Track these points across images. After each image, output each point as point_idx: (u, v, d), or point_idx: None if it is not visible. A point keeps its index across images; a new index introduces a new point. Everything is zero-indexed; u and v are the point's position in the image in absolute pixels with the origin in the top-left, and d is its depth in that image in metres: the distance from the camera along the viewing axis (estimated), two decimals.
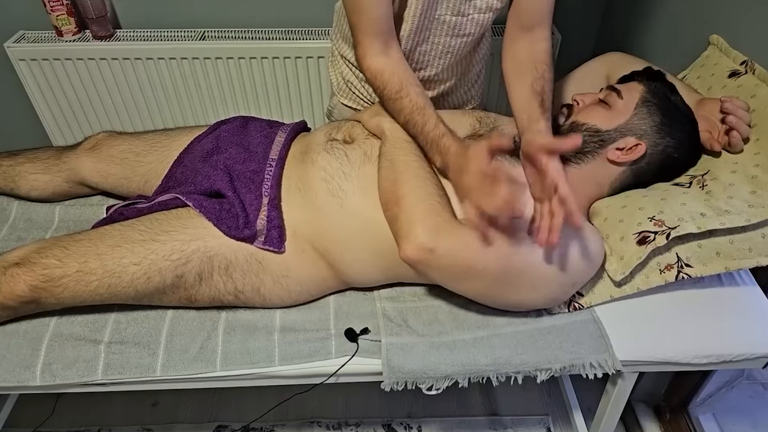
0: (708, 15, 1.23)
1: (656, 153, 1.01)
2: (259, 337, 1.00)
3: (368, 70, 1.02)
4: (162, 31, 1.66)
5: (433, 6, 1.04)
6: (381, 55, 1.01)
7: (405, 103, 1.00)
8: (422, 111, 1.00)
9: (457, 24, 1.07)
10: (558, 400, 1.49)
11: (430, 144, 0.99)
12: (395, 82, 1.01)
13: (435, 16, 1.05)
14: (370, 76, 1.03)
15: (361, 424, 1.48)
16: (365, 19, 0.98)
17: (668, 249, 0.97)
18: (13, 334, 1.00)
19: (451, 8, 1.05)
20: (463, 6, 1.05)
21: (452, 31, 1.08)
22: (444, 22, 1.07)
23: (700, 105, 1.05)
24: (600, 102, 1.05)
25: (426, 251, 0.88)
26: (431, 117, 0.99)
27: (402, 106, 1.01)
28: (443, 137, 0.97)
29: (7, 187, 1.24)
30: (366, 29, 0.99)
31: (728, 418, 1.42)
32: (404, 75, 1.02)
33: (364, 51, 1.02)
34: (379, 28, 0.99)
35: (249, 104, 1.73)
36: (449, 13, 1.05)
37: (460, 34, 1.09)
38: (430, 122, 0.99)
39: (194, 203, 1.02)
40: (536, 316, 1.02)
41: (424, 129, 0.99)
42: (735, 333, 0.99)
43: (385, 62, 1.01)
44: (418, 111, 1.00)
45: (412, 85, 1.02)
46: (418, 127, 1.00)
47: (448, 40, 1.10)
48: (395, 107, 1.02)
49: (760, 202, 0.93)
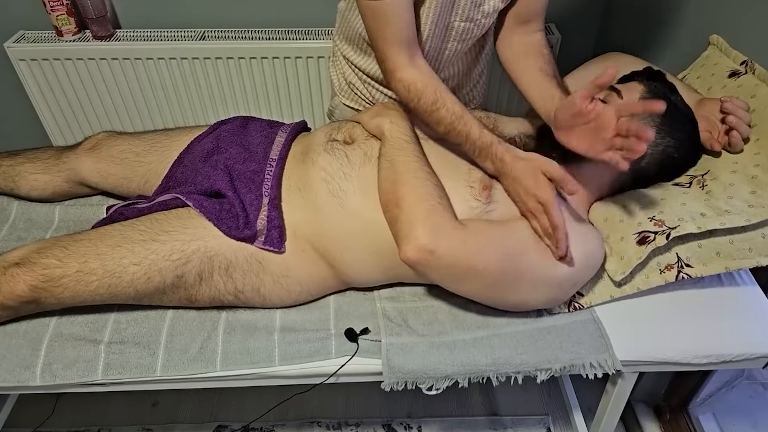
0: (708, 15, 1.23)
1: (656, 153, 1.01)
2: (259, 337, 1.00)
3: (400, 83, 1.00)
4: (162, 31, 1.66)
5: (445, 15, 1.03)
6: (411, 67, 0.99)
7: (443, 114, 0.98)
8: (462, 119, 0.98)
9: (465, 29, 1.07)
10: (558, 400, 1.49)
11: (479, 152, 0.98)
12: (429, 93, 0.98)
13: (447, 23, 1.05)
14: (402, 88, 1.00)
15: (361, 424, 1.48)
16: (391, 29, 0.95)
17: (668, 249, 0.97)
18: (13, 334, 1.00)
19: (460, 15, 1.05)
20: (473, 12, 1.05)
21: (460, 36, 1.08)
22: (454, 29, 1.07)
23: (700, 105, 1.05)
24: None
25: (426, 252, 0.88)
26: (473, 125, 0.98)
27: (440, 116, 0.98)
28: (492, 146, 0.97)
29: (7, 187, 1.24)
30: (392, 39, 0.96)
31: (728, 418, 1.42)
32: (437, 85, 1.00)
33: (393, 65, 0.99)
34: (404, 37, 0.97)
35: (249, 104, 1.73)
36: (458, 19, 1.05)
37: (466, 38, 1.10)
38: (474, 131, 0.97)
39: (194, 203, 1.02)
40: (536, 316, 1.02)
41: (469, 138, 0.98)
42: (735, 333, 0.99)
43: (416, 74, 0.99)
44: (458, 120, 0.98)
45: (446, 93, 0.99)
46: (462, 136, 0.98)
47: (456, 45, 1.10)
48: (433, 119, 1.00)
49: (760, 202, 0.93)
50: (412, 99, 1.00)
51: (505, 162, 0.96)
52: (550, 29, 1.68)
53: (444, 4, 1.01)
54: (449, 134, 1.00)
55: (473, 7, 1.04)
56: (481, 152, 0.98)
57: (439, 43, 1.08)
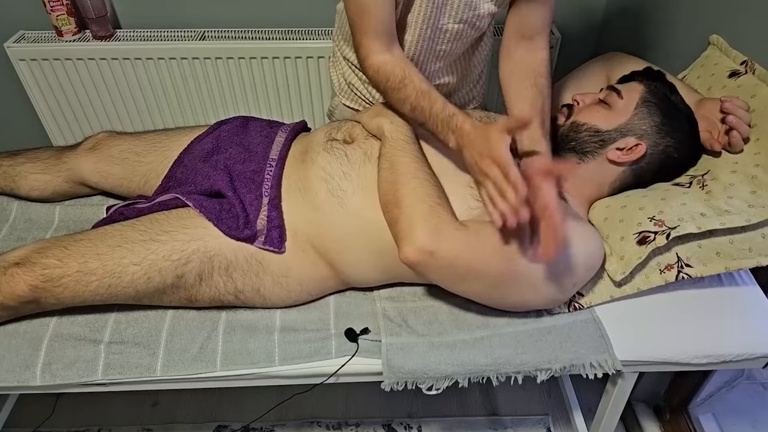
0: (708, 15, 1.23)
1: (656, 153, 1.01)
2: (259, 337, 1.00)
3: (371, 68, 1.01)
4: (162, 31, 1.66)
5: (436, 15, 1.03)
6: (384, 53, 1.00)
7: (409, 90, 0.99)
8: (427, 95, 0.98)
9: (459, 31, 1.07)
10: (558, 400, 1.50)
11: (441, 125, 0.97)
12: (398, 72, 0.99)
13: (439, 25, 1.05)
14: (372, 72, 1.02)
15: (361, 424, 1.48)
16: (368, 20, 0.97)
17: (668, 249, 0.97)
18: (13, 334, 1.00)
19: (453, 16, 1.05)
20: (466, 14, 1.04)
21: (454, 37, 1.08)
22: (447, 31, 1.07)
23: (700, 105, 1.05)
24: (600, 102, 1.05)
25: (426, 253, 0.88)
26: (437, 99, 0.97)
27: (407, 93, 0.99)
28: (454, 117, 0.95)
29: (7, 187, 1.24)
30: (368, 30, 0.99)
31: (728, 418, 1.42)
32: (406, 65, 1.01)
33: (366, 51, 1.01)
34: (381, 29, 0.98)
35: (249, 104, 1.73)
36: (451, 21, 1.05)
37: (461, 39, 1.09)
38: (438, 104, 0.97)
39: (194, 203, 1.02)
40: (536, 316, 1.02)
41: (432, 111, 0.97)
42: (735, 333, 0.99)
43: (388, 57, 1.00)
44: (423, 96, 0.98)
45: (415, 73, 1.00)
46: (425, 111, 0.98)
47: (450, 45, 1.10)
48: (400, 96, 1.00)
49: (760, 202, 0.93)
50: (381, 80, 1.01)
51: (464, 130, 0.93)
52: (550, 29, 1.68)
53: (434, 5, 1.01)
54: (415, 111, 0.99)
55: (467, 9, 1.04)
56: (444, 125, 0.96)
57: (430, 43, 1.08)
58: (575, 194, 1.05)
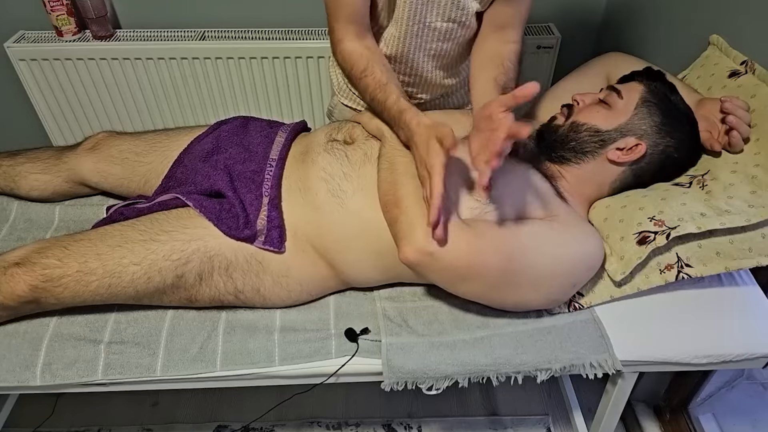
0: (708, 15, 1.23)
1: (656, 153, 1.01)
2: (259, 337, 1.00)
3: (339, 54, 1.04)
4: (162, 31, 1.66)
5: (423, 12, 1.04)
6: (354, 41, 1.03)
7: (369, 81, 1.01)
8: (384, 87, 1.00)
9: (449, 30, 1.07)
10: (558, 400, 1.50)
11: (393, 118, 0.99)
12: (362, 63, 1.02)
13: (426, 22, 1.05)
14: (340, 59, 1.04)
15: (361, 424, 1.48)
16: (342, 6, 1.00)
17: (668, 249, 0.97)
18: (13, 334, 1.00)
19: (441, 14, 1.05)
20: (454, 12, 1.05)
21: (444, 36, 1.08)
22: (435, 29, 1.07)
23: (700, 105, 1.05)
24: (600, 102, 1.05)
25: (426, 254, 0.88)
26: (392, 93, 1.00)
27: (366, 84, 1.02)
28: (404, 113, 0.96)
29: (7, 187, 1.24)
30: (341, 17, 1.01)
31: (728, 418, 1.42)
32: (372, 56, 1.03)
33: (338, 36, 1.03)
34: (354, 17, 1.01)
35: (249, 104, 1.73)
36: (440, 19, 1.05)
37: (452, 39, 1.10)
38: (391, 98, 0.99)
39: (194, 203, 1.02)
40: (536, 317, 1.02)
41: (386, 104, 1.00)
42: (735, 333, 0.99)
43: (357, 46, 1.03)
44: (380, 88, 1.00)
45: (378, 64, 1.02)
46: (381, 104, 1.00)
47: (442, 45, 1.10)
48: (360, 86, 1.03)
49: (760, 202, 0.93)
50: (347, 68, 1.03)
51: (411, 128, 0.94)
52: (550, 29, 1.68)
53: (420, 2, 1.02)
54: (372, 102, 1.02)
55: (454, 8, 1.04)
56: (395, 120, 0.98)
57: (419, 40, 1.08)
58: (575, 194, 1.05)
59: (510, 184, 0.99)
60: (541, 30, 1.67)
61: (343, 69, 1.05)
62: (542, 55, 1.67)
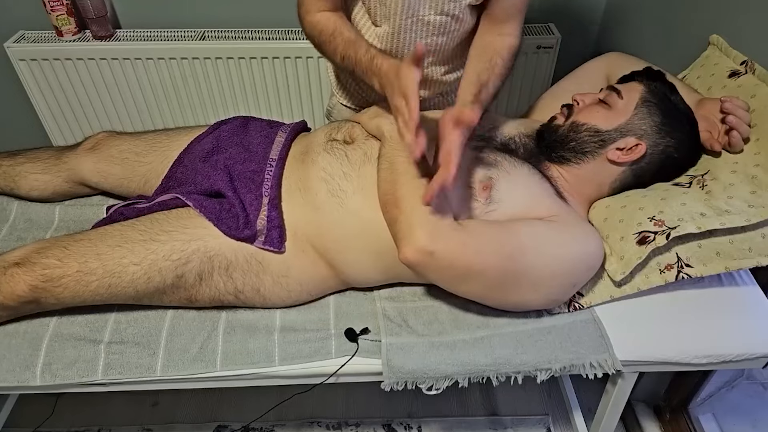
0: (708, 15, 1.23)
1: (656, 153, 1.01)
2: (259, 337, 1.00)
3: (308, 25, 1.05)
4: (162, 31, 1.66)
5: (416, 6, 1.04)
6: (322, 12, 1.04)
7: (338, 41, 1.02)
8: (353, 43, 1.01)
9: (443, 23, 1.07)
10: (558, 400, 1.50)
11: (365, 69, 1.00)
12: (330, 26, 1.03)
13: (420, 16, 1.06)
14: (309, 29, 1.05)
15: (361, 424, 1.48)
16: None
17: (668, 249, 0.97)
18: (13, 334, 1.00)
19: (434, 8, 1.05)
20: (447, 6, 1.05)
21: (438, 30, 1.09)
22: (429, 23, 1.07)
23: (700, 105, 1.05)
24: (600, 102, 1.05)
25: (426, 254, 0.88)
26: (362, 45, 1.01)
27: (336, 44, 1.03)
28: (375, 58, 0.98)
29: (7, 187, 1.24)
30: None
31: (728, 418, 1.42)
32: (339, 19, 1.04)
33: (306, 9, 1.04)
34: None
35: (249, 104, 1.74)
36: (433, 12, 1.05)
37: (447, 33, 1.10)
38: (362, 50, 1.00)
39: (194, 203, 1.02)
40: (536, 316, 1.02)
41: (357, 57, 1.00)
42: (735, 333, 0.99)
43: (326, 15, 1.04)
44: (350, 44, 1.01)
45: (345, 25, 1.03)
46: (352, 59, 1.01)
47: (437, 39, 1.10)
48: (331, 48, 1.04)
49: (760, 202, 0.93)
50: (315, 35, 1.04)
51: (382, 70, 0.95)
52: (550, 29, 1.68)
53: None
54: (344, 60, 1.03)
55: (447, 1, 1.04)
56: (368, 69, 0.99)
57: (413, 35, 1.09)
58: (575, 194, 1.05)
59: (510, 184, 0.99)
60: (541, 30, 1.67)
61: (312, 37, 1.06)
62: (542, 55, 1.67)
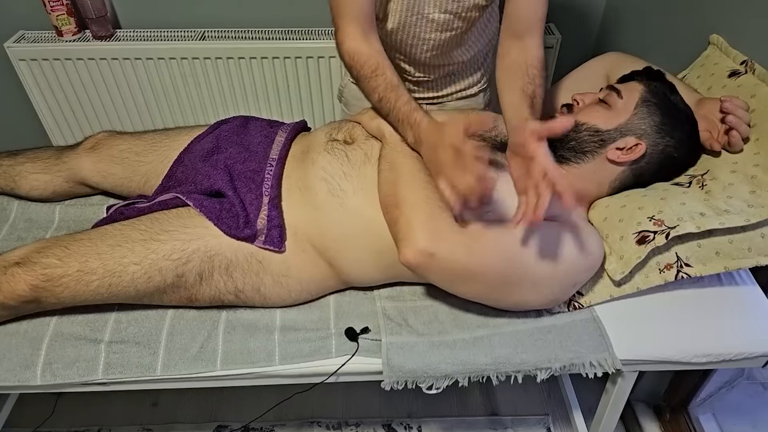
0: (708, 15, 1.24)
1: (656, 153, 1.01)
2: (260, 337, 1.00)
3: (346, 53, 1.04)
4: (162, 31, 1.66)
5: (421, 4, 1.05)
6: (361, 41, 1.03)
7: (380, 81, 1.02)
8: (395, 89, 1.01)
9: (447, 21, 1.08)
10: (558, 400, 1.50)
11: (402, 119, 1.00)
12: (372, 63, 1.02)
13: (424, 13, 1.06)
14: (348, 58, 1.04)
15: (361, 424, 1.48)
16: (348, 5, 1.01)
17: (668, 248, 0.97)
18: (14, 334, 1.00)
19: (438, 6, 1.06)
20: (451, 5, 1.05)
21: (442, 27, 1.09)
22: (433, 20, 1.08)
23: (699, 105, 1.05)
24: (600, 102, 1.05)
25: (426, 256, 0.88)
26: (403, 94, 1.01)
27: (377, 84, 1.02)
28: (414, 112, 0.98)
29: (7, 186, 1.24)
30: (346, 14, 1.02)
31: (728, 418, 1.42)
32: (381, 58, 1.03)
33: (343, 35, 1.03)
34: (359, 14, 1.01)
35: (249, 104, 1.74)
36: (437, 10, 1.06)
37: (448, 29, 1.10)
38: (402, 99, 1.00)
39: (195, 203, 1.03)
40: (536, 316, 1.02)
41: (396, 105, 1.00)
42: (735, 332, 0.99)
43: (364, 46, 1.03)
44: (392, 89, 1.01)
45: (388, 67, 1.03)
46: (390, 103, 1.01)
47: (440, 35, 1.11)
48: (370, 86, 1.04)
49: (759, 202, 0.93)
50: (356, 66, 1.04)
51: (421, 126, 0.96)
52: (550, 29, 1.68)
53: None
54: (381, 102, 1.03)
55: (451, 0, 1.05)
56: (404, 119, 0.99)
57: (416, 30, 1.09)
58: (575, 194, 1.05)
59: (510, 184, 0.99)
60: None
61: (350, 67, 1.05)
62: None
